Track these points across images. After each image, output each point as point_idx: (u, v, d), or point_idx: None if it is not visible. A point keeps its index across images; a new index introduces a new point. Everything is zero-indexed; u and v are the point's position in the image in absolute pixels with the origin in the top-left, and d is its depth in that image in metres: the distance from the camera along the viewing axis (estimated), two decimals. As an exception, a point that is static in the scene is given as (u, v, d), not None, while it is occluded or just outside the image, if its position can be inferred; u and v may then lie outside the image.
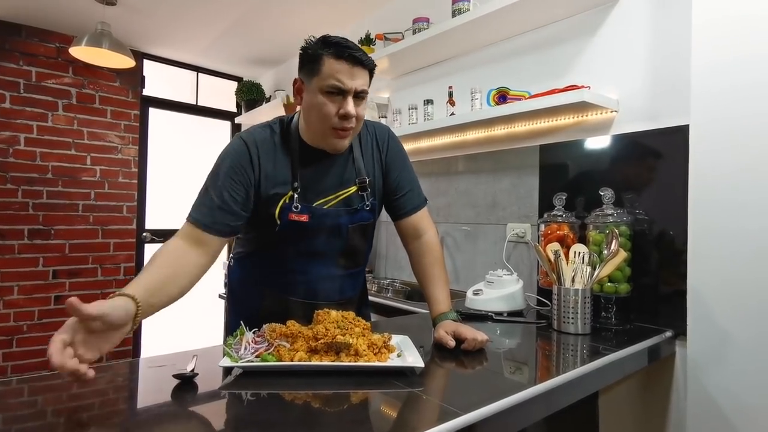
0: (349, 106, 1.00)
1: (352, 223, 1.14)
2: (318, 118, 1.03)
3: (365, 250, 1.25)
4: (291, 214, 1.07)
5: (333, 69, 0.98)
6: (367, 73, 1.04)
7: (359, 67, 1.00)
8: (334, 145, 1.06)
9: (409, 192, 1.21)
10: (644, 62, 1.46)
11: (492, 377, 0.96)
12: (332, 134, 1.04)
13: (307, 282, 1.16)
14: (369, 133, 1.20)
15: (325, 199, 1.11)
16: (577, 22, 1.65)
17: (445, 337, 1.01)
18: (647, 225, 1.43)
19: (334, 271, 1.18)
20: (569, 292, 1.26)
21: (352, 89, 1.00)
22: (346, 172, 1.14)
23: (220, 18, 2.77)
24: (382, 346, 0.93)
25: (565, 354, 1.14)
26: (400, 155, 1.23)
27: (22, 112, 2.87)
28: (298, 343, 0.90)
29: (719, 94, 1.17)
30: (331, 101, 1.00)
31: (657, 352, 1.26)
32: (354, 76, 1.00)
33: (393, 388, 0.82)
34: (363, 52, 1.02)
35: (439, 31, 1.84)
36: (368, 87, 1.05)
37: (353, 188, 1.14)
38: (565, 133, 1.69)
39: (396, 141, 1.24)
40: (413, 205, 1.22)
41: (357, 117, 1.03)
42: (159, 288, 0.86)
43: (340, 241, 1.15)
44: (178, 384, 0.79)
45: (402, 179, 1.21)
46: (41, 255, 2.93)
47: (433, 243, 1.21)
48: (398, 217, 1.23)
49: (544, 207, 1.69)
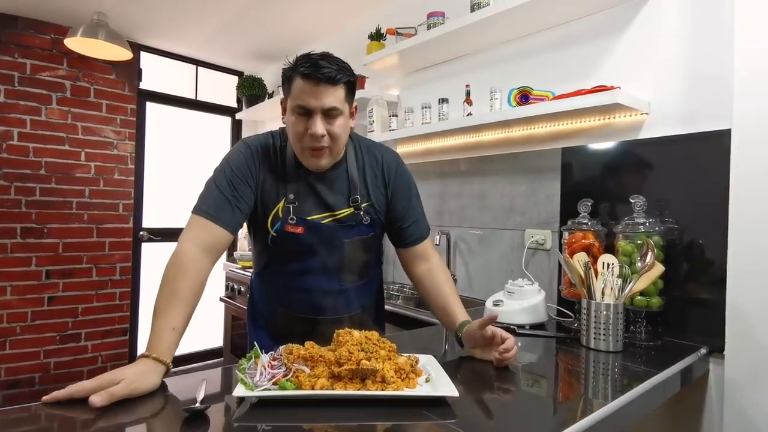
0: (316, 126, 1.00)
1: (348, 237, 1.13)
2: (292, 138, 1.06)
3: (370, 262, 1.22)
4: (287, 226, 1.09)
5: (300, 89, 1.00)
6: (341, 88, 1.02)
7: (326, 85, 0.99)
8: (311, 164, 1.07)
9: (415, 222, 1.20)
10: (679, 62, 1.38)
11: (529, 406, 0.88)
12: (308, 153, 1.05)
13: (311, 297, 1.15)
14: (375, 156, 1.18)
15: (322, 215, 1.11)
16: (605, 19, 1.56)
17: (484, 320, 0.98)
18: (678, 234, 1.36)
19: (337, 286, 1.16)
20: (600, 307, 1.18)
21: (318, 108, 1.00)
22: (342, 191, 1.13)
23: (222, 9, 2.66)
24: (410, 370, 0.85)
25: (605, 376, 1.06)
26: (408, 184, 1.21)
27: (15, 106, 2.76)
28: (319, 368, 0.82)
29: (766, 96, 1.09)
30: (300, 121, 1.02)
31: (692, 372, 1.18)
32: (320, 96, 0.99)
33: (424, 419, 0.74)
34: (336, 68, 1.00)
35: (457, 27, 1.75)
36: (345, 103, 1.04)
37: (348, 210, 1.13)
38: (588, 136, 1.61)
39: (404, 170, 1.22)
40: (419, 235, 1.21)
41: (332, 136, 1.03)
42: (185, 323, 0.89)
43: (338, 255, 1.13)
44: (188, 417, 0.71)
45: (409, 209, 1.19)
46: (34, 254, 2.82)
47: (442, 267, 1.22)
48: (404, 246, 1.21)
49: (566, 213, 1.61)
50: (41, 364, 2.84)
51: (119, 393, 0.73)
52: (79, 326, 2.98)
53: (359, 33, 2.41)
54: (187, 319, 0.90)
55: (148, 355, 0.81)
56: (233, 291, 2.88)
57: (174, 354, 0.85)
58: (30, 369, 2.80)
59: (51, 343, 2.87)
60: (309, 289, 1.14)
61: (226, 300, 2.97)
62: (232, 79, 3.73)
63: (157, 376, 0.80)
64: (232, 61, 3.59)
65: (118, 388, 0.73)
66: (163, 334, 0.84)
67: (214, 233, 0.99)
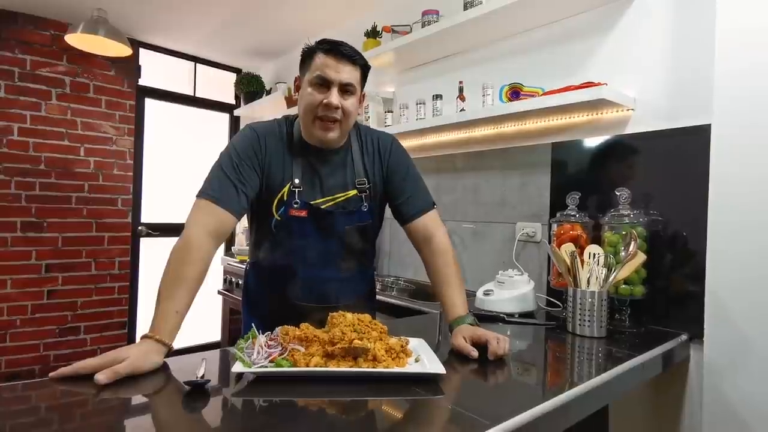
0: (333, 96, 1.06)
1: (349, 224, 1.16)
2: (304, 109, 1.09)
3: (367, 252, 1.25)
4: (291, 210, 1.11)
5: (321, 62, 1.06)
6: (357, 70, 1.09)
7: (346, 61, 1.06)
8: (320, 137, 1.10)
9: (412, 196, 1.21)
10: (664, 60, 1.43)
11: (515, 384, 0.93)
12: (318, 125, 1.09)
13: (309, 285, 1.18)
14: (372, 140, 1.23)
15: (324, 199, 1.14)
16: (593, 17, 1.60)
17: (465, 347, 0.96)
18: (662, 226, 1.40)
19: (335, 274, 1.19)
20: (585, 295, 1.23)
21: (337, 81, 1.06)
22: (346, 175, 1.16)
23: (220, 7, 2.69)
24: (400, 350, 0.90)
25: (588, 358, 1.11)
26: (403, 161, 1.24)
27: (15, 101, 2.79)
28: (314, 347, 0.86)
29: (744, 93, 1.14)
30: (317, 91, 1.07)
31: (672, 357, 1.23)
32: (340, 70, 1.06)
33: (414, 395, 0.78)
34: (355, 51, 1.09)
35: (450, 24, 1.79)
36: (359, 84, 1.10)
37: (352, 192, 1.17)
38: (578, 131, 1.65)
39: (399, 148, 1.25)
40: (418, 208, 1.20)
41: (344, 110, 1.08)
42: (188, 306, 0.91)
43: (338, 242, 1.16)
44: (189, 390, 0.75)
45: (406, 184, 1.22)
46: (34, 248, 2.85)
47: (444, 244, 1.18)
48: (405, 221, 1.22)
49: (556, 206, 1.66)
50: (41, 356, 2.87)
51: (123, 371, 0.76)
52: (79, 320, 3.01)
53: (356, 30, 2.45)
54: (190, 302, 0.92)
55: (151, 336, 0.84)
56: (231, 284, 2.92)
57: (175, 336, 0.88)
58: (30, 361, 2.84)
59: (50, 336, 2.91)
60: (306, 277, 1.16)
61: (224, 293, 3.01)
62: (231, 76, 3.76)
63: (159, 356, 0.83)
64: (231, 58, 3.62)
65: (122, 366, 0.76)
66: (166, 317, 0.87)
67: (219, 217, 1.01)
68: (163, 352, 0.85)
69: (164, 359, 0.85)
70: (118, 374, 0.75)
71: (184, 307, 0.90)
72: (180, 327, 0.90)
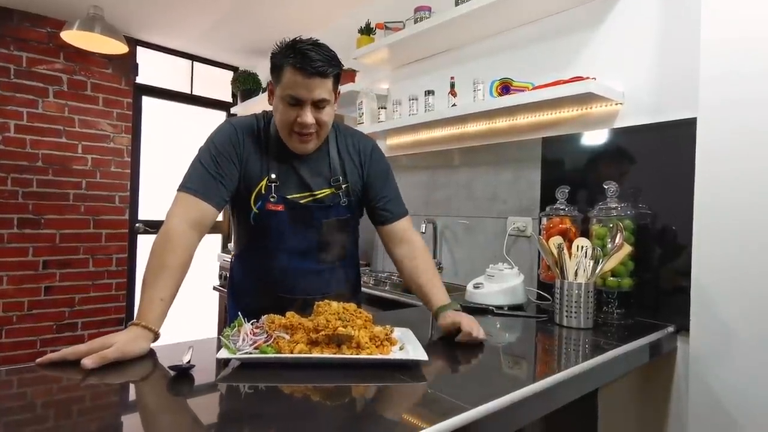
0: (306, 116, 1.05)
1: (326, 218, 1.17)
2: (279, 124, 1.10)
3: (347, 245, 1.26)
4: (268, 204, 1.13)
5: (291, 80, 1.03)
6: (329, 80, 1.06)
7: (316, 77, 1.02)
8: (298, 149, 1.12)
9: (392, 200, 1.24)
10: (651, 54, 1.44)
11: (496, 371, 0.94)
12: (295, 138, 1.10)
13: (290, 277, 1.19)
14: (353, 142, 1.23)
15: (301, 194, 1.15)
16: (582, 13, 1.62)
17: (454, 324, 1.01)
18: (650, 219, 1.42)
19: (314, 266, 1.20)
20: (572, 286, 1.24)
21: (309, 100, 1.05)
22: (322, 172, 1.17)
23: (216, 4, 2.71)
24: (384, 338, 0.91)
25: (573, 348, 1.12)
26: (383, 168, 1.26)
27: (12, 98, 2.80)
28: (298, 334, 0.87)
29: (728, 88, 1.15)
30: (290, 110, 1.06)
31: (659, 348, 1.24)
32: (311, 88, 1.03)
33: (396, 382, 0.80)
34: (325, 59, 1.03)
35: (442, 20, 1.80)
36: (332, 93, 1.08)
37: (329, 189, 1.18)
38: (568, 126, 1.67)
39: (380, 154, 1.26)
40: (397, 212, 1.23)
41: (319, 123, 1.08)
42: (173, 294, 0.93)
43: (316, 235, 1.18)
44: (174, 376, 0.76)
45: (386, 189, 1.24)
46: (31, 245, 2.87)
47: (423, 244, 1.23)
48: (384, 222, 1.24)
49: (546, 201, 1.67)
50: (38, 352, 2.88)
51: (110, 356, 0.77)
52: (76, 316, 3.03)
53: (350, 27, 2.47)
54: (175, 290, 0.94)
55: (137, 323, 0.86)
56: (226, 280, 2.93)
57: (162, 323, 0.89)
58: (26, 358, 2.85)
59: (48, 332, 2.93)
60: (287, 267, 1.18)
61: (220, 289, 3.03)
62: (227, 74, 3.78)
63: (146, 342, 0.85)
64: (227, 55, 3.64)
65: (110, 352, 0.77)
66: (151, 305, 0.88)
67: (200, 209, 1.02)
68: (150, 338, 0.86)
69: (152, 346, 0.87)
70: (105, 359, 0.76)
71: (168, 295, 0.91)
72: (166, 314, 0.91)
